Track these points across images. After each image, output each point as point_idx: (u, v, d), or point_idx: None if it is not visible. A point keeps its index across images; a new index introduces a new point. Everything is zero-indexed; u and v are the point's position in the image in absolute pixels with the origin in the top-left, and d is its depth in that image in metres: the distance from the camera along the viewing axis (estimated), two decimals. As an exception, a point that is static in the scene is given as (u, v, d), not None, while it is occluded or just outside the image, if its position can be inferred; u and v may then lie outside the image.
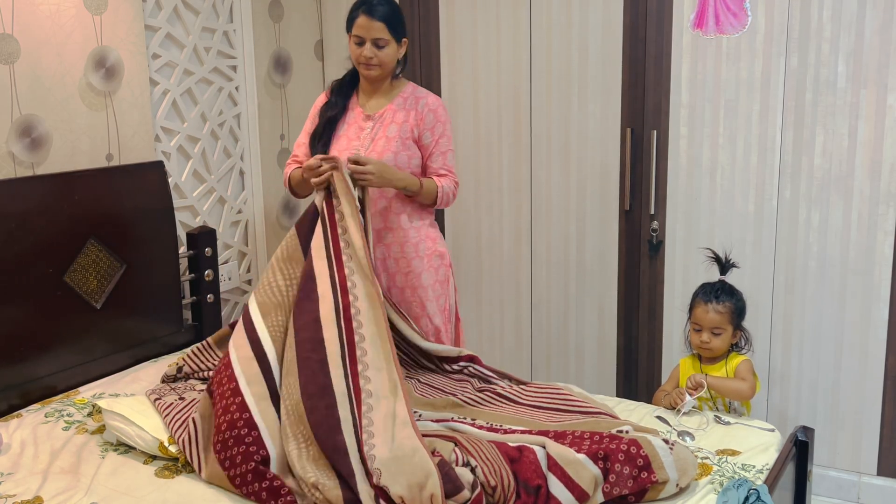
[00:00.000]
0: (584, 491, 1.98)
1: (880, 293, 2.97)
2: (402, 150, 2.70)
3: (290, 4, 3.76)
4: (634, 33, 3.22)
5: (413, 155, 2.72)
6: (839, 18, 2.88)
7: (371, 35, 2.63)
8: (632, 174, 3.30)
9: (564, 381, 3.52)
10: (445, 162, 2.76)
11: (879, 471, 3.07)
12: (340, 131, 2.77)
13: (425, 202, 2.75)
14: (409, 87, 2.78)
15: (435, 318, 2.78)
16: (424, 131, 2.72)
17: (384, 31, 2.63)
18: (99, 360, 2.86)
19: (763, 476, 2.12)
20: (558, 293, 3.54)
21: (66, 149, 2.82)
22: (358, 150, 2.70)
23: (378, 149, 2.68)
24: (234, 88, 3.50)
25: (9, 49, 2.63)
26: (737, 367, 2.66)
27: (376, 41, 2.64)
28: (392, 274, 2.77)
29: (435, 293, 2.78)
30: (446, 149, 2.76)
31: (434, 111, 2.74)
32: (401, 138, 2.70)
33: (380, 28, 2.62)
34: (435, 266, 2.78)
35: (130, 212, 2.95)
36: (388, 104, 2.74)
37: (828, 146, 2.97)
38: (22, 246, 2.60)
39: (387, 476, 1.94)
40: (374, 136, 2.71)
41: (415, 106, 2.73)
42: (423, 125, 2.72)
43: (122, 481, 2.16)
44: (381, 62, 2.67)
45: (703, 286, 2.75)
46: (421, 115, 2.72)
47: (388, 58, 2.68)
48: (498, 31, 3.49)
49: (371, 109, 2.76)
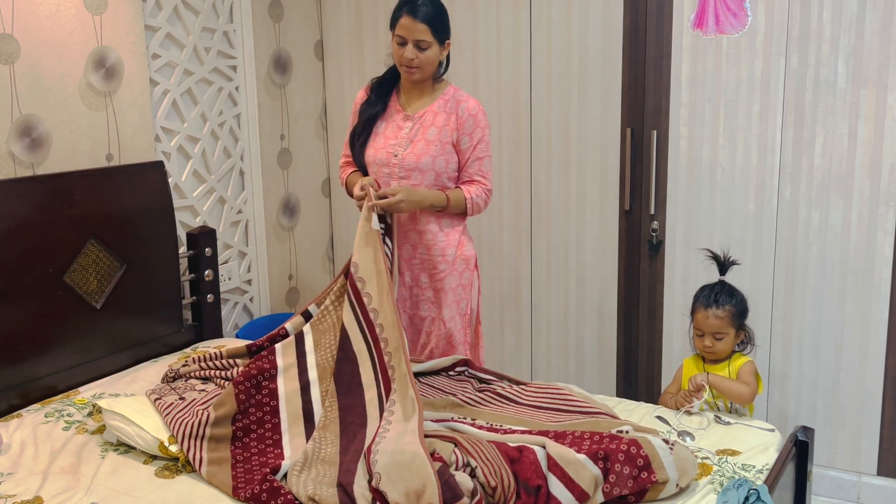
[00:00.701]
0: (584, 491, 1.97)
1: (880, 293, 2.97)
2: (441, 154, 2.68)
3: (290, 4, 3.76)
4: (634, 33, 3.22)
5: (451, 160, 2.70)
6: (839, 18, 2.89)
7: (413, 36, 2.59)
8: (632, 174, 3.30)
9: (564, 381, 3.52)
10: (481, 167, 2.73)
11: (879, 471, 3.07)
12: (379, 129, 2.75)
13: (455, 213, 2.74)
14: (450, 90, 2.75)
15: (449, 322, 2.77)
16: (463, 136, 2.69)
17: (427, 34, 2.59)
18: (99, 360, 2.86)
19: (763, 476, 2.12)
20: (558, 293, 3.54)
21: (66, 149, 2.82)
22: (396, 149, 2.69)
23: (417, 151, 2.67)
24: (234, 88, 3.50)
25: (9, 49, 2.63)
26: (739, 369, 2.66)
27: (418, 43, 2.60)
28: (416, 273, 2.76)
29: (456, 297, 2.77)
30: (483, 154, 2.73)
31: (474, 116, 2.70)
32: (440, 142, 2.68)
33: (423, 30, 2.59)
34: (460, 270, 2.77)
35: (130, 212, 2.94)
36: (429, 106, 2.72)
37: (828, 146, 2.97)
38: (22, 246, 2.60)
39: (386, 481, 1.95)
40: (413, 137, 2.69)
41: (455, 109, 2.70)
42: (462, 130, 2.69)
43: (122, 481, 2.16)
44: (422, 64, 2.63)
45: (703, 290, 2.73)
46: (461, 120, 2.69)
47: (429, 60, 2.64)
48: (498, 31, 3.49)
49: (411, 110, 2.74)
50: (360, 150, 2.76)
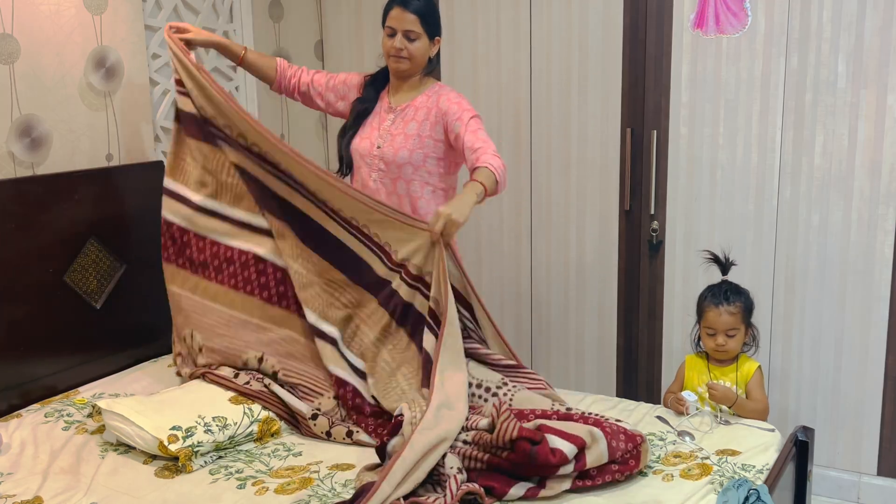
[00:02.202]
0: (582, 439, 2.04)
1: (880, 293, 2.97)
2: (418, 148, 2.69)
3: (290, 4, 3.76)
4: (634, 33, 3.22)
5: (429, 154, 2.71)
6: (839, 18, 2.88)
7: (403, 26, 2.62)
8: (632, 174, 3.30)
9: (564, 381, 3.53)
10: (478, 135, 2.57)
11: (879, 471, 3.07)
12: (366, 123, 2.78)
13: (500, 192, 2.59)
14: (435, 86, 2.77)
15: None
16: (448, 120, 2.64)
17: (416, 24, 2.63)
18: (99, 360, 2.86)
19: (763, 476, 2.12)
20: (558, 293, 3.54)
21: (66, 149, 2.82)
22: (378, 141, 2.71)
23: (396, 145, 2.69)
24: (234, 88, 3.50)
25: (9, 49, 2.63)
26: (749, 381, 2.65)
27: (408, 33, 2.63)
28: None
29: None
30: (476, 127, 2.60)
31: (457, 102, 2.65)
32: (419, 136, 2.69)
33: (412, 20, 2.62)
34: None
35: (130, 212, 2.95)
36: (413, 100, 2.74)
37: (828, 146, 2.97)
38: (22, 246, 2.61)
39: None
40: (395, 130, 2.71)
41: (436, 103, 2.71)
42: (447, 116, 2.64)
43: (122, 481, 2.16)
44: (410, 55, 2.65)
45: (711, 289, 2.72)
46: (441, 109, 2.67)
47: (418, 52, 2.66)
48: (498, 31, 3.49)
49: (395, 102, 2.76)
50: (347, 143, 2.77)
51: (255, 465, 2.28)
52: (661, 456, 2.24)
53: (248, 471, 2.24)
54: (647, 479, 2.11)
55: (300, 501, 2.06)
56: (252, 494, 2.10)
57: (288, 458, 2.32)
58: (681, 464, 2.18)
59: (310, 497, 2.08)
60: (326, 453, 2.35)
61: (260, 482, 2.17)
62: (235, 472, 2.23)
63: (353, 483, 2.14)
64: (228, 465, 2.27)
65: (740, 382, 2.67)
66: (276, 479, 2.18)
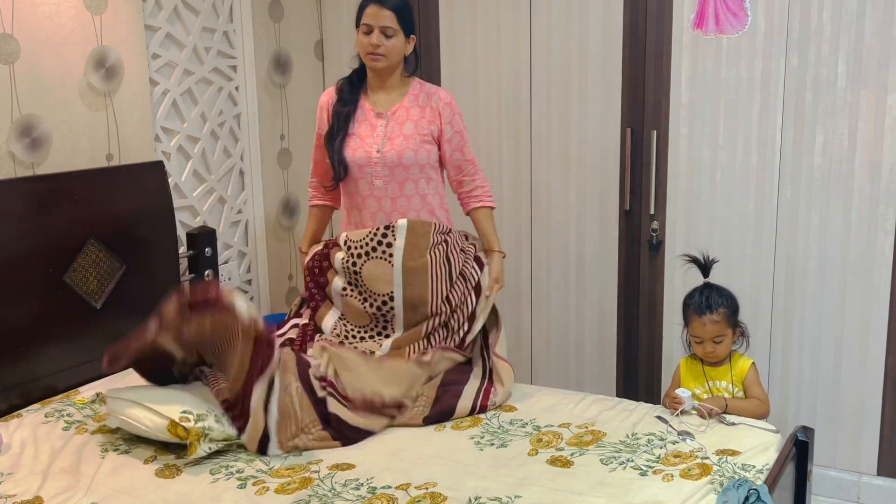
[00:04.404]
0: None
1: (880, 293, 2.97)
2: (421, 146, 2.71)
3: (290, 4, 3.76)
4: (634, 33, 3.22)
5: (431, 151, 2.75)
6: (839, 18, 2.88)
7: (380, 23, 2.63)
8: (632, 174, 3.30)
9: (564, 381, 3.53)
10: (465, 156, 2.82)
11: (879, 471, 3.07)
12: (352, 130, 2.76)
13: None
14: (417, 84, 2.79)
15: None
16: (445, 125, 2.75)
17: (393, 21, 2.64)
18: (99, 361, 2.83)
19: (763, 476, 2.12)
20: (558, 293, 3.54)
21: (66, 149, 2.82)
22: (374, 147, 2.70)
23: (398, 147, 2.69)
24: (234, 88, 3.50)
25: (9, 49, 2.63)
26: (745, 379, 2.64)
27: (384, 30, 2.64)
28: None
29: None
30: (465, 140, 2.83)
31: (449, 104, 2.78)
32: (418, 135, 2.71)
33: (388, 17, 2.63)
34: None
35: (130, 212, 2.95)
36: (400, 102, 2.74)
37: (828, 146, 2.97)
38: (22, 246, 2.61)
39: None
40: (390, 134, 2.71)
41: (428, 102, 2.74)
42: (443, 120, 2.75)
43: (122, 481, 2.16)
44: (387, 52, 2.66)
45: (691, 297, 2.72)
46: (437, 110, 2.74)
47: (394, 49, 2.67)
48: (498, 31, 3.49)
49: (381, 107, 2.76)
50: (340, 148, 2.74)
51: (255, 464, 2.28)
52: (661, 456, 2.23)
53: (248, 470, 2.24)
54: (647, 479, 2.11)
55: (300, 501, 2.06)
56: (252, 494, 2.10)
57: (288, 458, 2.32)
58: (681, 464, 2.18)
59: (310, 497, 2.08)
60: (326, 453, 2.35)
61: (260, 482, 2.17)
62: (236, 472, 2.23)
63: (353, 483, 2.14)
64: (229, 464, 2.27)
65: (736, 381, 2.67)
66: (276, 479, 2.18)
